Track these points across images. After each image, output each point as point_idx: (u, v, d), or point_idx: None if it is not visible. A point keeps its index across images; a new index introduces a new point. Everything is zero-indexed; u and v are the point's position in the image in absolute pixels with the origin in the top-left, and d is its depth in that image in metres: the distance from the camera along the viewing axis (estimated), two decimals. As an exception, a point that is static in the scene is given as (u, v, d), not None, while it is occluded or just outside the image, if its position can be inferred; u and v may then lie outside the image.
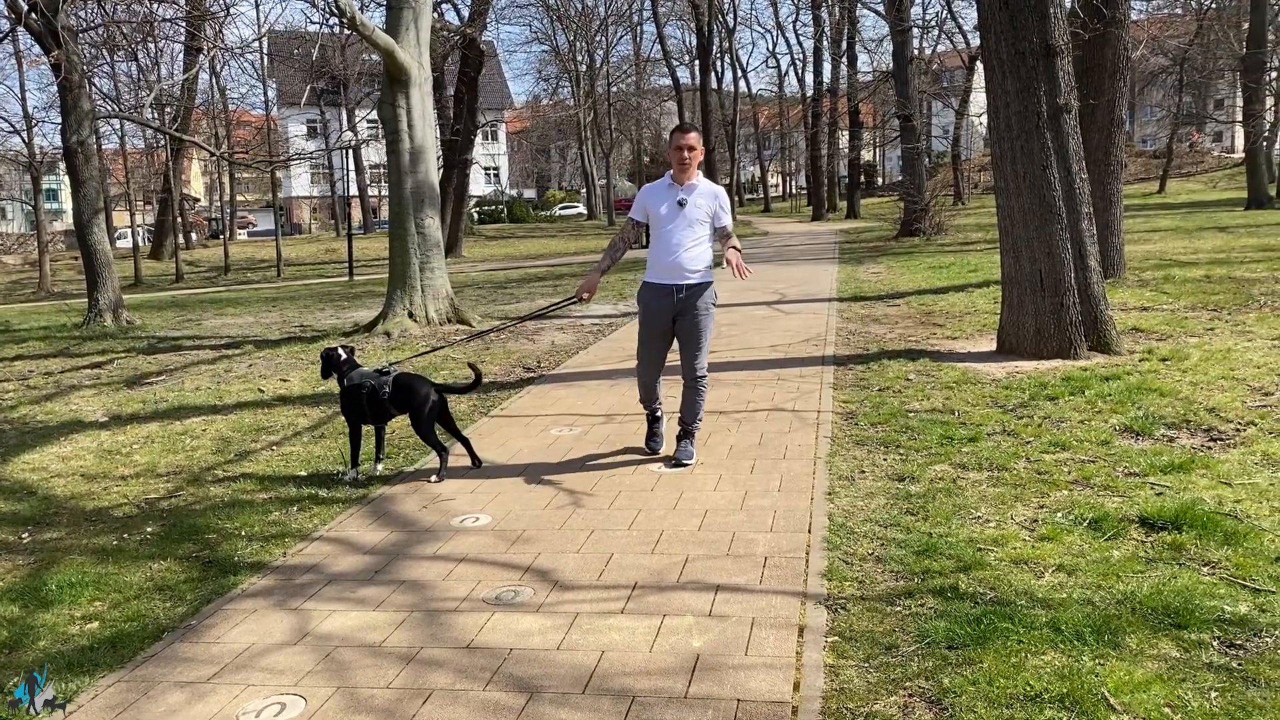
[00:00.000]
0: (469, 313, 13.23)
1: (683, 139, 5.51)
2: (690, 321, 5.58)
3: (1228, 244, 18.10)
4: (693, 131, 5.57)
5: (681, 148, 5.50)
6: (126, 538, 5.02)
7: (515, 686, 3.21)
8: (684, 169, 5.52)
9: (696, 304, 5.55)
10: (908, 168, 29.43)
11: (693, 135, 5.54)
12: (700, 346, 5.62)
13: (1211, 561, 3.87)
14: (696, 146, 5.52)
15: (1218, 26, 37.81)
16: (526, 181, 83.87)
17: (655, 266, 5.62)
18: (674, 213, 5.52)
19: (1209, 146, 64.24)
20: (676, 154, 5.52)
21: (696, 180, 5.57)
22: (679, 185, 5.57)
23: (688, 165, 5.51)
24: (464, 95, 30.57)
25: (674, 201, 5.53)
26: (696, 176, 5.58)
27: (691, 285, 5.54)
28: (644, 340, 5.74)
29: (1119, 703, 2.87)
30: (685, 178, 5.55)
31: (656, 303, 5.61)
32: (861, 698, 3.02)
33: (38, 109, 39.58)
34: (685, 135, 5.53)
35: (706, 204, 5.55)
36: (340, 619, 3.83)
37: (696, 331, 5.59)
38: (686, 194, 5.54)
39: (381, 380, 5.70)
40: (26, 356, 12.63)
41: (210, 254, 41.13)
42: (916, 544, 4.19)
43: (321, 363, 6.13)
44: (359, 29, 11.95)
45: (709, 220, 5.56)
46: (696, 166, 5.57)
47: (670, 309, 5.57)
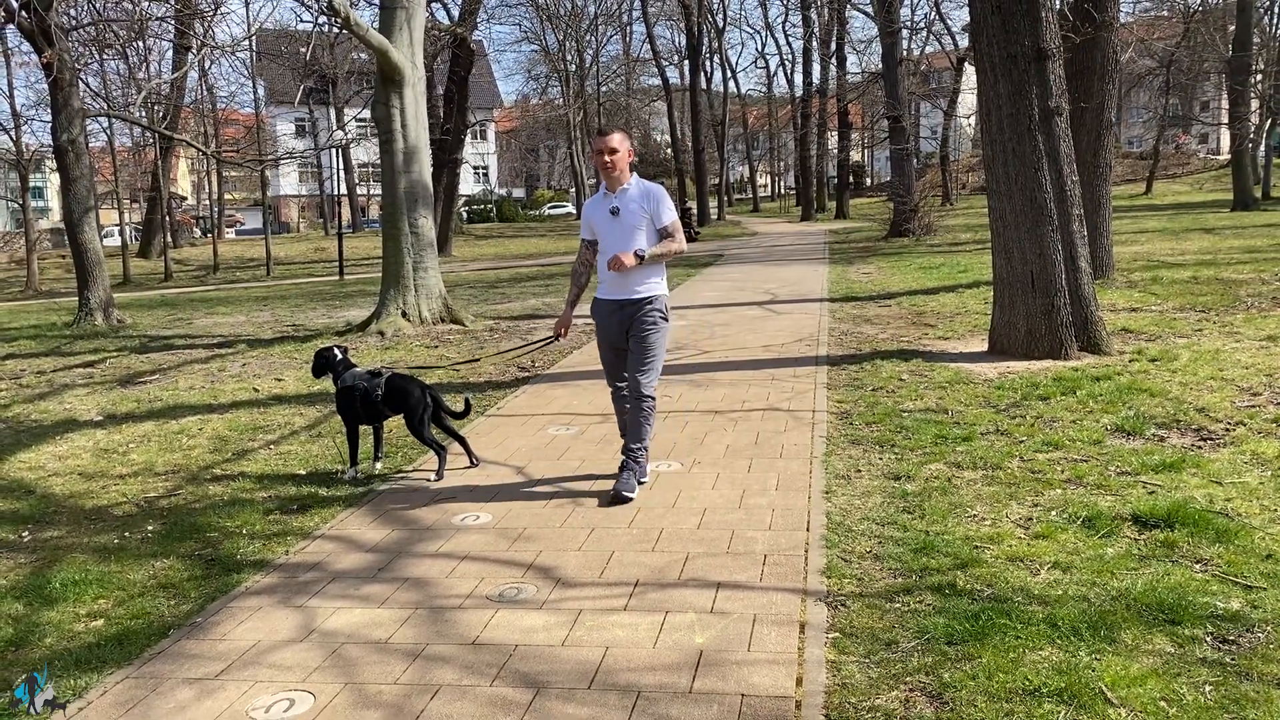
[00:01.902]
0: (462, 312, 13.25)
1: (601, 142, 5.11)
2: (638, 337, 5.17)
3: (1214, 245, 18.26)
4: (613, 133, 5.12)
5: (601, 152, 5.09)
6: (128, 536, 5.04)
7: (522, 682, 3.25)
8: (608, 174, 5.13)
9: (645, 319, 5.15)
10: (897, 168, 29.57)
11: (614, 137, 5.10)
12: (647, 363, 5.17)
13: (1204, 559, 3.94)
14: (619, 148, 5.08)
15: (1204, 29, 38.09)
16: (515, 181, 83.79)
17: (603, 281, 5.27)
18: (610, 223, 5.17)
19: (1195, 148, 64.66)
20: (597, 159, 5.13)
21: (629, 184, 5.15)
22: (611, 193, 5.20)
23: (611, 169, 5.09)
24: (454, 94, 30.56)
25: (608, 211, 5.17)
26: (630, 180, 5.15)
27: (638, 299, 5.16)
28: (604, 357, 5.45)
29: (1116, 697, 2.93)
30: (615, 183, 5.15)
31: (607, 319, 5.28)
32: (864, 692, 3.07)
33: (25, 106, 39.35)
34: (602, 138, 5.11)
35: (640, 206, 5.13)
36: (345, 616, 3.87)
37: (643, 346, 5.16)
38: (619, 201, 5.15)
39: (374, 382, 5.72)
40: (18, 355, 12.60)
41: (199, 253, 40.99)
42: (914, 542, 4.25)
43: (314, 361, 6.12)
44: (353, 29, 11.97)
45: (647, 223, 5.14)
46: (627, 169, 5.14)
47: (621, 324, 5.21)
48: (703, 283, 17.75)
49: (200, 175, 59.59)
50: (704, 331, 11.19)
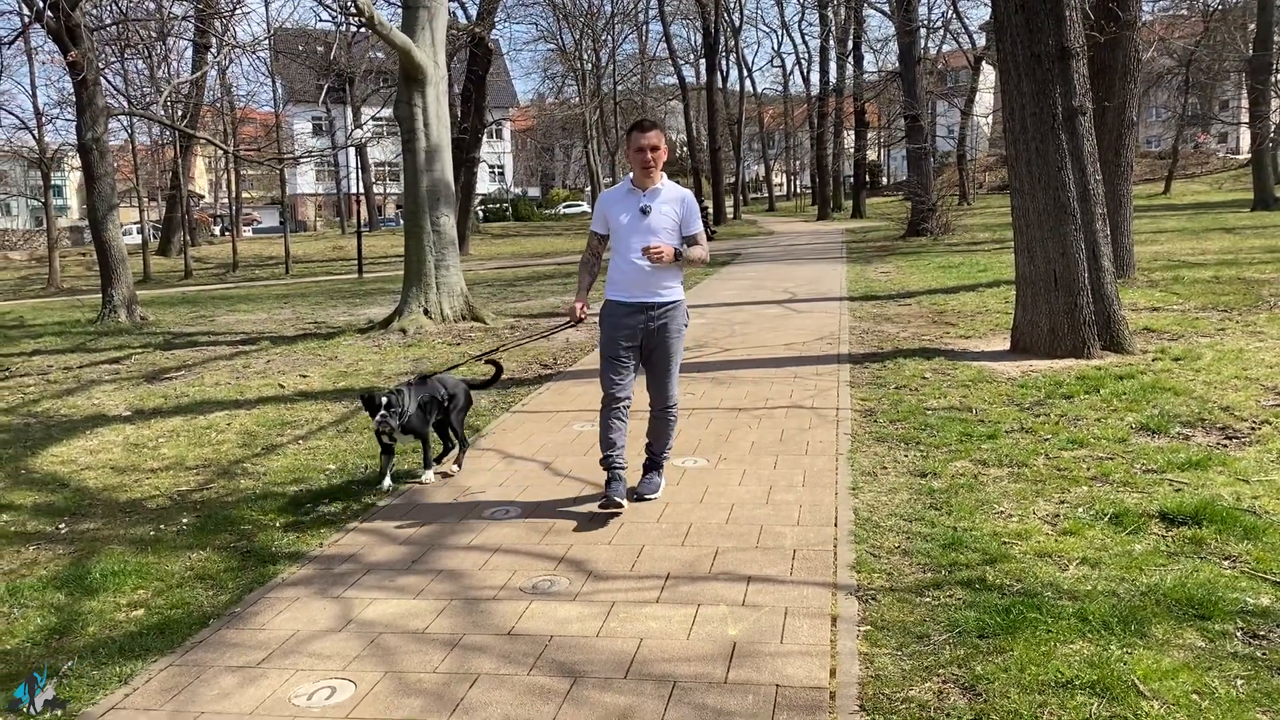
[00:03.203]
0: (483, 310, 13.33)
1: (643, 138, 4.81)
2: (662, 345, 4.90)
3: (1235, 245, 18.17)
4: (654, 129, 4.87)
5: (644, 148, 4.80)
6: (163, 528, 5.12)
7: (559, 671, 3.31)
8: (647, 172, 4.85)
9: (669, 325, 4.90)
10: (914, 167, 29.52)
11: (654, 134, 4.84)
12: (672, 373, 4.97)
13: (1232, 556, 3.96)
14: (660, 145, 4.83)
15: (1224, 28, 37.86)
16: (531, 180, 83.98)
17: (620, 282, 4.92)
18: (637, 221, 4.85)
19: (1214, 148, 64.23)
20: (638, 156, 4.83)
21: (661, 184, 4.90)
22: (641, 190, 4.89)
23: (651, 167, 4.83)
24: (472, 93, 30.67)
25: (637, 209, 4.86)
26: (661, 180, 4.91)
27: (665, 304, 4.88)
28: (609, 365, 4.93)
29: (1149, 689, 2.97)
30: (649, 181, 4.88)
31: (625, 323, 4.88)
32: (897, 684, 3.11)
33: (48, 105, 39.57)
34: (646, 134, 4.83)
35: (673, 210, 4.88)
36: (382, 606, 3.93)
37: (668, 357, 4.92)
38: (650, 200, 4.86)
39: (435, 388, 5.70)
40: (44, 351, 12.74)
41: (218, 251, 41.27)
42: (942, 537, 4.29)
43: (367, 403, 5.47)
44: (377, 28, 12.05)
45: (676, 229, 4.89)
46: (660, 169, 4.91)
47: (640, 330, 4.88)
48: (721, 281, 17.78)
49: (218, 174, 60.00)
50: (724, 329, 11.23)
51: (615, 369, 4.89)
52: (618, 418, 4.94)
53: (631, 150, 4.87)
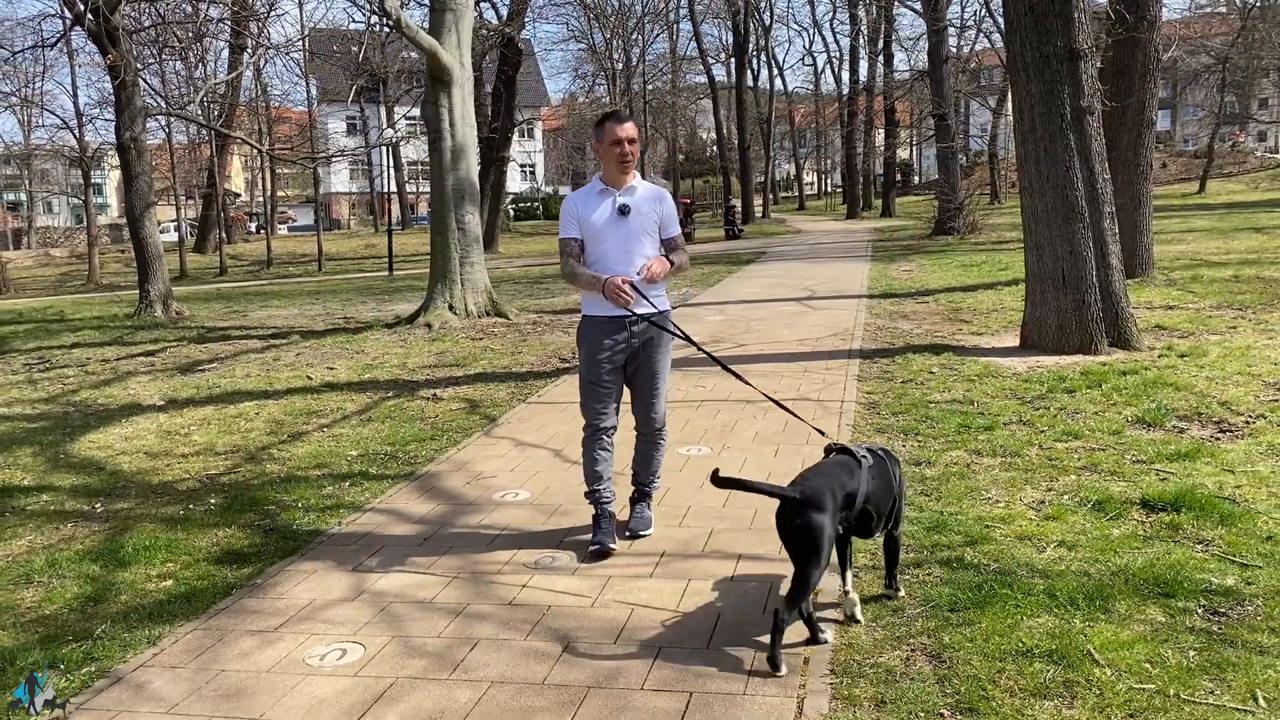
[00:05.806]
0: (506, 306, 13.60)
1: (619, 129, 4.33)
2: (648, 361, 4.46)
3: (1262, 245, 18.06)
4: (629, 120, 4.44)
5: (620, 140, 4.32)
6: (192, 508, 5.41)
7: (553, 637, 3.54)
8: (624, 167, 4.38)
9: (656, 339, 4.45)
10: (942, 166, 29.51)
11: (630, 125, 4.39)
12: (659, 391, 4.54)
13: (1205, 540, 4.12)
14: (637, 139, 4.39)
15: (1261, 26, 37.46)
16: (562, 179, 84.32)
17: (594, 298, 4.42)
18: (615, 222, 4.37)
19: (1252, 147, 63.44)
20: (613, 149, 4.34)
21: (635, 181, 4.45)
22: (614, 188, 4.42)
23: (628, 162, 4.38)
24: (502, 93, 31.01)
25: (613, 209, 4.39)
26: (635, 177, 4.46)
27: (650, 314, 4.39)
28: (590, 391, 4.47)
29: (1104, 658, 3.15)
30: (624, 179, 4.43)
31: (607, 339, 4.39)
32: (868, 651, 3.32)
33: (88, 105, 40.51)
34: (623, 125, 4.36)
35: (652, 210, 4.45)
36: (393, 579, 4.19)
37: (655, 373, 4.49)
38: (627, 198, 4.40)
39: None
40: (84, 344, 13.18)
41: (252, 248, 41.91)
42: (928, 521, 4.47)
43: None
44: (404, 30, 12.36)
45: (656, 230, 4.47)
46: (635, 166, 4.48)
47: (625, 345, 4.41)
48: (743, 279, 17.96)
49: (253, 173, 60.86)
50: (740, 326, 11.42)
51: (598, 396, 4.45)
52: (603, 449, 4.51)
53: (605, 144, 4.37)
